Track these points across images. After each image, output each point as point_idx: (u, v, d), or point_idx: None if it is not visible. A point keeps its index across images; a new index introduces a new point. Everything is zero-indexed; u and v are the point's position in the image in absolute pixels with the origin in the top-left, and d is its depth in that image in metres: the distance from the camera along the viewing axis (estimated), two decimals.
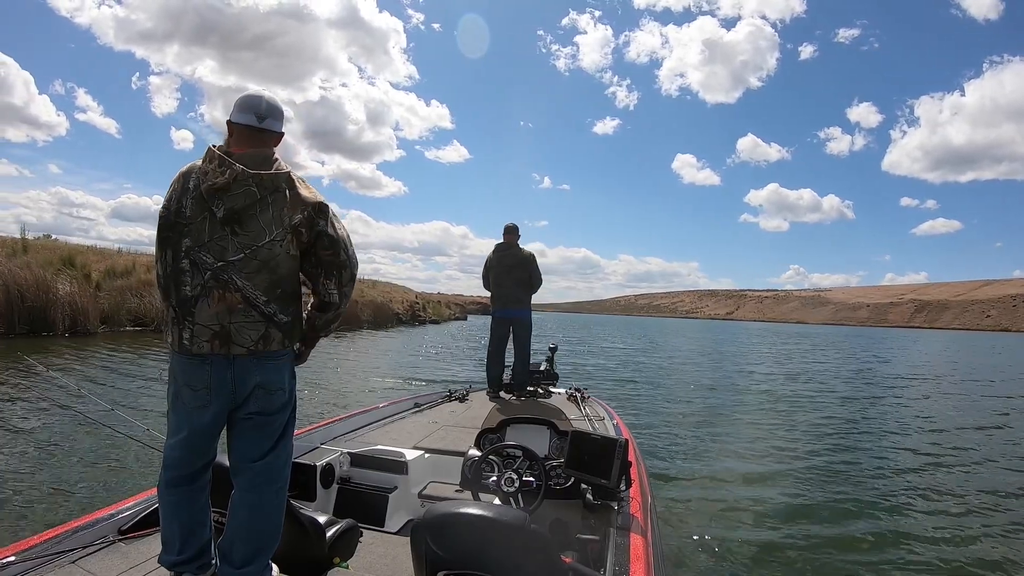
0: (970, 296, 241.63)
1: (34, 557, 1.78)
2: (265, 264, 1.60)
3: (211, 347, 1.58)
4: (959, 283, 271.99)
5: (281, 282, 1.63)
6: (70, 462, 4.97)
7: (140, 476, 4.59)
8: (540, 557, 1.46)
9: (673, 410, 9.13)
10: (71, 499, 4.16)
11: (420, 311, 39.54)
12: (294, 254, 1.64)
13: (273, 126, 1.70)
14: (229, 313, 1.58)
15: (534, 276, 5.25)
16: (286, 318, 1.65)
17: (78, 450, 5.28)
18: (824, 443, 7.10)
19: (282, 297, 1.64)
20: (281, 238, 1.61)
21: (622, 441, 2.36)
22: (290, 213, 1.61)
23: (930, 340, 56.67)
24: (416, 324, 36.16)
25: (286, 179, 1.65)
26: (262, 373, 1.62)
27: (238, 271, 1.58)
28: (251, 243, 1.59)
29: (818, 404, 10.38)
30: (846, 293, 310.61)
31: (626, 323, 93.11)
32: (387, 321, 32.01)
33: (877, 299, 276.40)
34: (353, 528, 1.91)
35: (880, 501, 4.92)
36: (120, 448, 5.09)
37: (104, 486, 4.43)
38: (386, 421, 3.79)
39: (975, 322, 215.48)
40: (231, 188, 1.58)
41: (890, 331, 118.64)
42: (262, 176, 1.60)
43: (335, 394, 9.06)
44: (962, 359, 26.64)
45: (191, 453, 1.66)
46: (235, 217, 1.59)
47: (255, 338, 1.59)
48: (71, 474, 4.69)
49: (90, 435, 5.51)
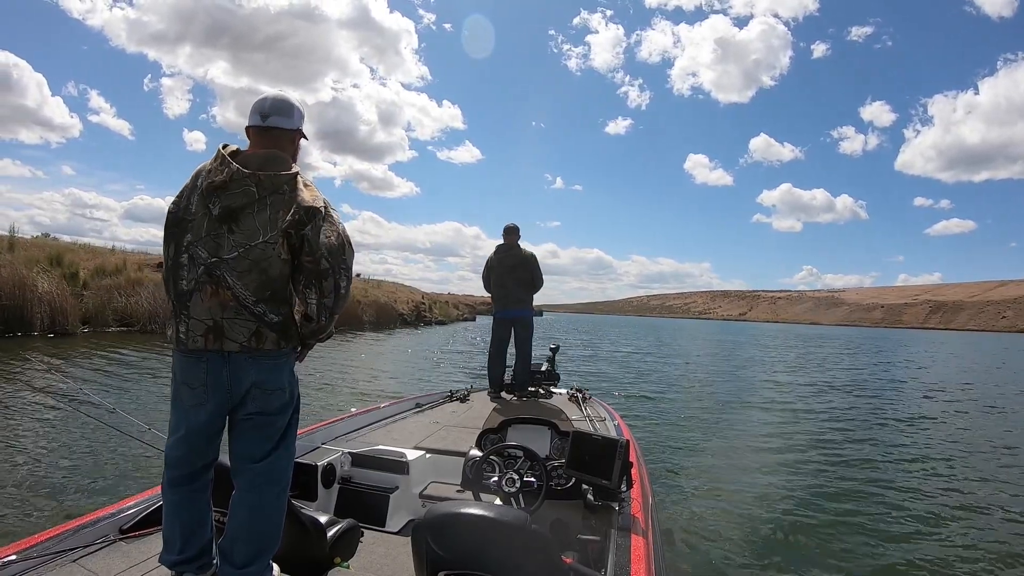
0: (985, 297, 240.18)
1: (35, 556, 1.78)
2: (256, 264, 1.59)
3: (205, 342, 1.58)
4: (974, 283, 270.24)
5: (271, 283, 1.61)
6: (71, 462, 4.98)
7: (141, 476, 4.59)
8: (541, 557, 1.46)
9: (675, 411, 9.11)
10: (72, 498, 4.16)
11: (426, 312, 38.80)
12: (285, 258, 1.61)
13: (278, 123, 1.70)
14: (221, 308, 1.58)
15: (536, 276, 5.26)
16: (276, 318, 1.62)
17: (79, 450, 5.29)
18: (829, 447, 7.08)
19: (272, 299, 1.61)
20: (274, 240, 1.59)
21: (623, 442, 2.36)
22: (284, 215, 1.60)
23: (951, 342, 55.56)
24: (421, 325, 35.19)
25: (289, 180, 1.63)
26: (258, 372, 1.61)
27: (230, 269, 1.58)
28: (245, 242, 1.59)
29: (823, 407, 10.36)
30: (860, 294, 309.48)
31: (637, 324, 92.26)
32: (390, 322, 31.09)
33: (891, 300, 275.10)
34: (354, 528, 1.91)
35: (884, 503, 4.91)
36: (121, 448, 5.10)
37: (105, 486, 4.43)
38: (387, 421, 3.79)
39: (991, 323, 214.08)
40: (229, 187, 1.59)
41: (906, 332, 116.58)
42: (260, 176, 1.60)
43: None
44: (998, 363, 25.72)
45: (190, 452, 1.66)
46: (231, 215, 1.59)
47: (247, 335, 1.59)
48: (72, 473, 4.70)
49: (91, 435, 5.52)
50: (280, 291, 1.63)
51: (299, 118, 1.76)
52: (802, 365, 20.02)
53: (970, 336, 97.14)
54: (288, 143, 1.73)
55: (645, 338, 31.99)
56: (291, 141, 1.74)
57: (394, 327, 30.55)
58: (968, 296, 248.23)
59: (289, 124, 1.72)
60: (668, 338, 36.50)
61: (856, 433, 7.95)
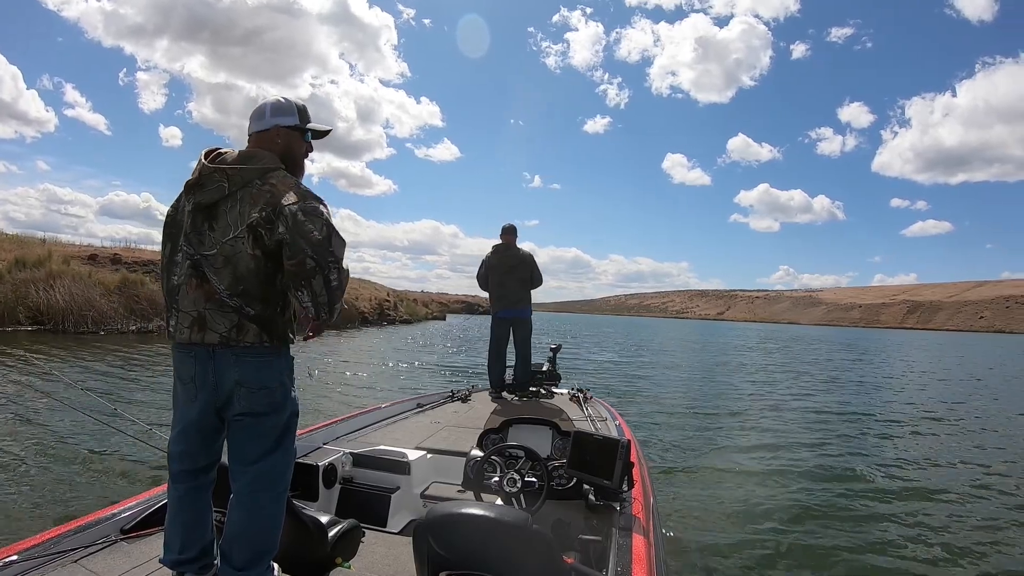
0: (962, 297, 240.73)
1: (36, 556, 1.78)
2: (228, 260, 1.58)
3: (191, 334, 1.61)
4: (951, 284, 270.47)
5: (242, 279, 1.58)
6: (71, 461, 4.98)
7: (142, 476, 4.60)
8: (542, 558, 1.46)
9: (676, 411, 9.10)
10: (73, 498, 4.17)
11: (391, 310, 35.96)
12: (253, 253, 1.56)
13: (255, 126, 1.72)
14: (205, 300, 1.61)
15: (535, 275, 5.29)
16: (253, 311, 1.59)
17: (79, 449, 5.29)
18: (828, 445, 7.07)
19: (245, 294, 1.58)
20: (242, 235, 1.57)
21: (624, 442, 2.36)
22: (250, 210, 1.58)
23: (935, 342, 55.89)
24: (384, 325, 32.42)
25: (260, 175, 1.61)
26: (241, 370, 1.59)
27: (209, 265, 1.60)
28: (220, 239, 1.60)
29: (823, 407, 10.34)
30: (837, 293, 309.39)
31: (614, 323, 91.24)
32: (349, 321, 27.95)
33: (869, 300, 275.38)
34: (355, 528, 1.91)
35: (885, 501, 4.90)
36: (121, 448, 5.10)
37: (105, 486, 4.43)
38: (388, 421, 3.80)
39: (969, 323, 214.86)
40: (203, 183, 1.61)
41: (885, 332, 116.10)
42: (228, 172, 1.60)
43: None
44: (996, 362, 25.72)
45: (188, 448, 1.67)
46: (207, 212, 1.62)
47: (228, 326, 1.58)
48: (72, 473, 4.70)
49: (92, 434, 5.52)
50: (253, 288, 1.59)
51: (272, 115, 1.71)
52: (799, 365, 19.99)
53: (951, 336, 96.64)
54: (271, 141, 1.70)
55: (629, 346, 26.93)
56: (274, 138, 1.70)
57: (353, 327, 27.71)
58: (946, 296, 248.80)
59: (261, 125, 1.71)
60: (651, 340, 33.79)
61: (856, 433, 7.94)
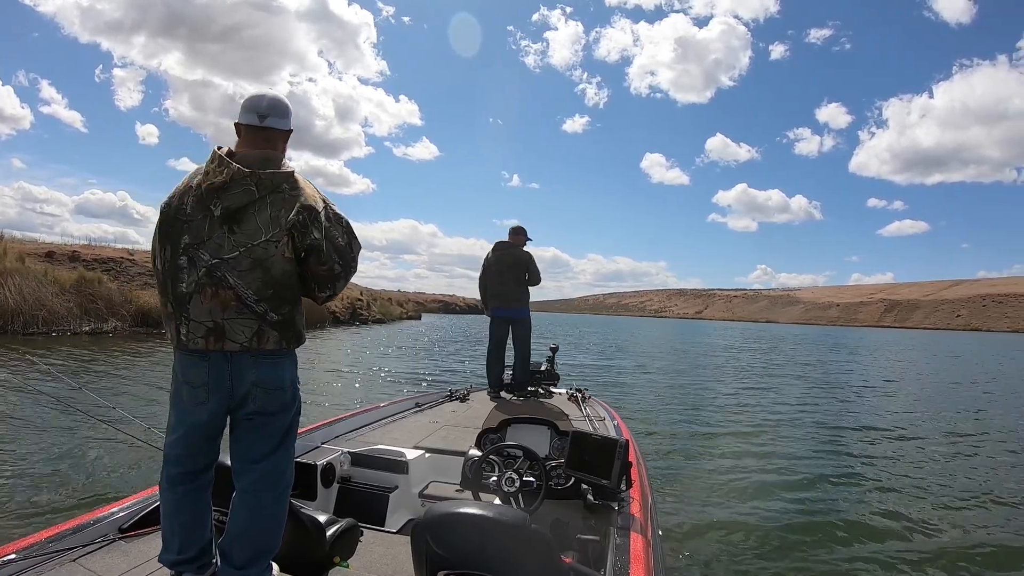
0: (939, 296, 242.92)
1: (35, 555, 1.78)
2: (259, 263, 1.59)
3: (206, 343, 1.58)
4: (928, 283, 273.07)
5: (273, 282, 1.60)
6: (71, 460, 4.98)
7: (141, 475, 4.59)
8: (540, 557, 1.46)
9: (674, 411, 9.12)
10: (72, 497, 4.16)
11: (363, 310, 35.03)
12: (289, 256, 1.61)
13: (276, 124, 1.70)
14: (222, 309, 1.58)
15: (533, 274, 5.26)
16: (278, 317, 1.62)
17: (79, 448, 5.28)
18: (827, 445, 7.09)
19: (274, 298, 1.61)
20: (277, 239, 1.59)
21: (623, 441, 2.36)
22: (286, 214, 1.60)
23: (913, 341, 55.75)
24: (356, 324, 31.63)
25: (287, 179, 1.64)
26: (259, 371, 1.61)
27: (231, 268, 1.58)
28: (246, 241, 1.59)
29: (821, 406, 10.37)
30: (815, 293, 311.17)
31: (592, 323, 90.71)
32: (319, 321, 26.42)
33: (846, 299, 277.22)
34: (353, 527, 1.91)
35: (884, 501, 4.92)
36: (121, 447, 5.10)
37: (105, 485, 4.43)
38: (387, 421, 3.79)
39: (946, 322, 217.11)
40: (229, 187, 1.59)
41: (863, 331, 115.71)
42: (260, 175, 1.60)
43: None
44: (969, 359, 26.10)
45: (190, 451, 1.66)
46: (232, 216, 1.59)
47: (248, 335, 1.59)
48: (72, 472, 4.70)
49: (92, 434, 5.51)
50: (282, 290, 1.62)
51: (288, 117, 1.75)
52: (792, 367, 20.01)
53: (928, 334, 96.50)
54: (280, 143, 1.73)
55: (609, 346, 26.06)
56: (283, 141, 1.74)
57: (322, 327, 26.34)
58: (922, 295, 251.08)
59: (284, 125, 1.72)
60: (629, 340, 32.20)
61: (855, 433, 7.95)
